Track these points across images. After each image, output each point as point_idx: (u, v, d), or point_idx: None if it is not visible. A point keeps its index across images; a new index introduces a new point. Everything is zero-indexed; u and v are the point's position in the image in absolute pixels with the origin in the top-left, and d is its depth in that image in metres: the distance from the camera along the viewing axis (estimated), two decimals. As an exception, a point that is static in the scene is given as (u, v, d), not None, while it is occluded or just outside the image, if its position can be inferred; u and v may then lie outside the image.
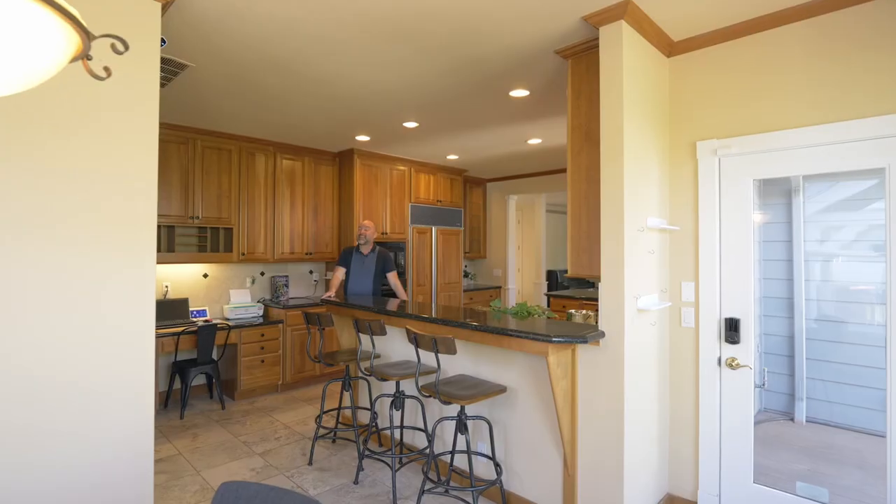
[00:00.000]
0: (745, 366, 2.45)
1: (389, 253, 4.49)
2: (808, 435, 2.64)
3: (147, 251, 2.10)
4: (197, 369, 4.28)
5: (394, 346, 3.56)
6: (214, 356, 4.65)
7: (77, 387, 1.88)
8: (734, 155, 2.49)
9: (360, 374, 3.57)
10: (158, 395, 4.22)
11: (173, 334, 4.18)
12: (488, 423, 2.65)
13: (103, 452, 1.95)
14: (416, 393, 3.32)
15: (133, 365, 2.04)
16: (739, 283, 2.48)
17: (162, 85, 3.38)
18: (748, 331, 2.46)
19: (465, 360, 3.02)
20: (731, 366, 2.48)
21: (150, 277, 2.10)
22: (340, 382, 3.86)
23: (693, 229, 2.63)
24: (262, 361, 4.79)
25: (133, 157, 2.05)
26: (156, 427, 4.00)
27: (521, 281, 11.00)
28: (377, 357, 3.50)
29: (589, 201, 2.61)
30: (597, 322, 2.63)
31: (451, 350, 2.39)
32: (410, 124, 4.43)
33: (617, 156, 2.35)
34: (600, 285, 2.41)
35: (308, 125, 4.49)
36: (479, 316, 2.90)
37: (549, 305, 9.91)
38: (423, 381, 3.03)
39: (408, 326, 2.69)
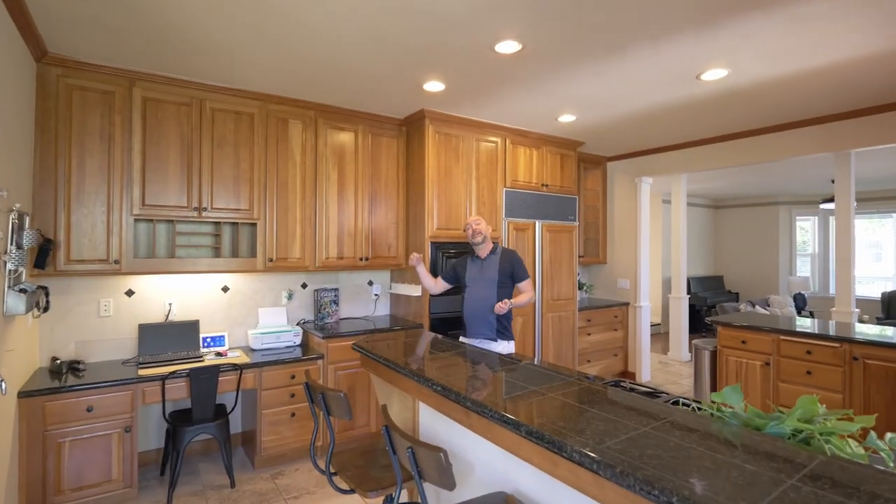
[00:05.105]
0: None
1: (516, 253, 3.08)
2: None
3: None
4: (193, 430, 2.91)
5: (478, 447, 1.82)
6: (226, 405, 3.26)
7: None
8: None
9: None
10: (139, 457, 2.91)
11: (155, 378, 2.84)
12: None
13: None
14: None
15: None
16: None
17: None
18: None
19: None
20: None
21: None
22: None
23: None
24: (293, 415, 3.34)
25: None
26: (129, 517, 2.70)
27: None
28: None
29: None
30: None
31: None
32: (509, 46, 2.65)
33: None
34: None
35: (349, 64, 2.92)
36: (676, 439, 1.05)
37: (704, 330, 7.54)
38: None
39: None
